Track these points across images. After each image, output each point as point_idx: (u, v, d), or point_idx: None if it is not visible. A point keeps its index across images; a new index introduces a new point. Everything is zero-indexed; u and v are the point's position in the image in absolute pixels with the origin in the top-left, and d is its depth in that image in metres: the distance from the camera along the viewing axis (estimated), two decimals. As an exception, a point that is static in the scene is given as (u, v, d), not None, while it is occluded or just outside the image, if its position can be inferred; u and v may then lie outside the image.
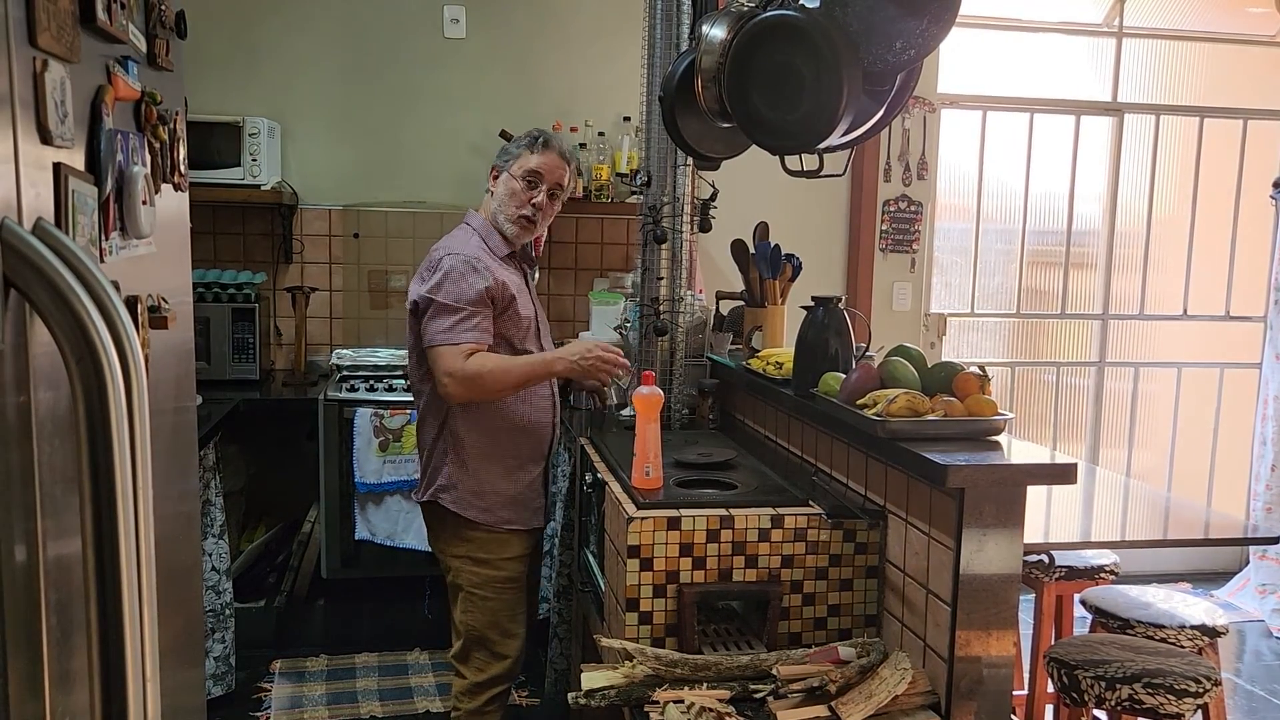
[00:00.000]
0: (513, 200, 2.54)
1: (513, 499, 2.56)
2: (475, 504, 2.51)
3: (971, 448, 1.85)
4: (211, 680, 3.16)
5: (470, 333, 2.41)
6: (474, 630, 2.56)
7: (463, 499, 2.51)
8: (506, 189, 2.55)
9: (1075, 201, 4.82)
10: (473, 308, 2.42)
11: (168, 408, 1.43)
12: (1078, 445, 4.97)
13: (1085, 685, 2.13)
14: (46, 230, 0.86)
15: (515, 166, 2.55)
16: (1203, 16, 4.82)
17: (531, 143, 2.56)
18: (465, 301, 2.41)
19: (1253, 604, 4.54)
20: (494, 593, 2.54)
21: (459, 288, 2.41)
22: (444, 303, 2.41)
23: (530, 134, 2.59)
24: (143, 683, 0.86)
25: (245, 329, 3.89)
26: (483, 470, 2.52)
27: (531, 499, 2.61)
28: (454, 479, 2.52)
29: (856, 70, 1.96)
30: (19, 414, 0.84)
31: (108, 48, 1.15)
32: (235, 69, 4.12)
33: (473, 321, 2.41)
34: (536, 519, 2.64)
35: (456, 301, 2.41)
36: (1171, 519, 2.56)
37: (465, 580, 2.55)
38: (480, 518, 2.52)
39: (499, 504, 2.54)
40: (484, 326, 2.44)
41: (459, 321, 2.40)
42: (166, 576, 1.10)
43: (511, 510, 2.56)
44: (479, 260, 2.46)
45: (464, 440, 2.51)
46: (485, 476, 2.52)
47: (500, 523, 2.54)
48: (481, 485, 2.52)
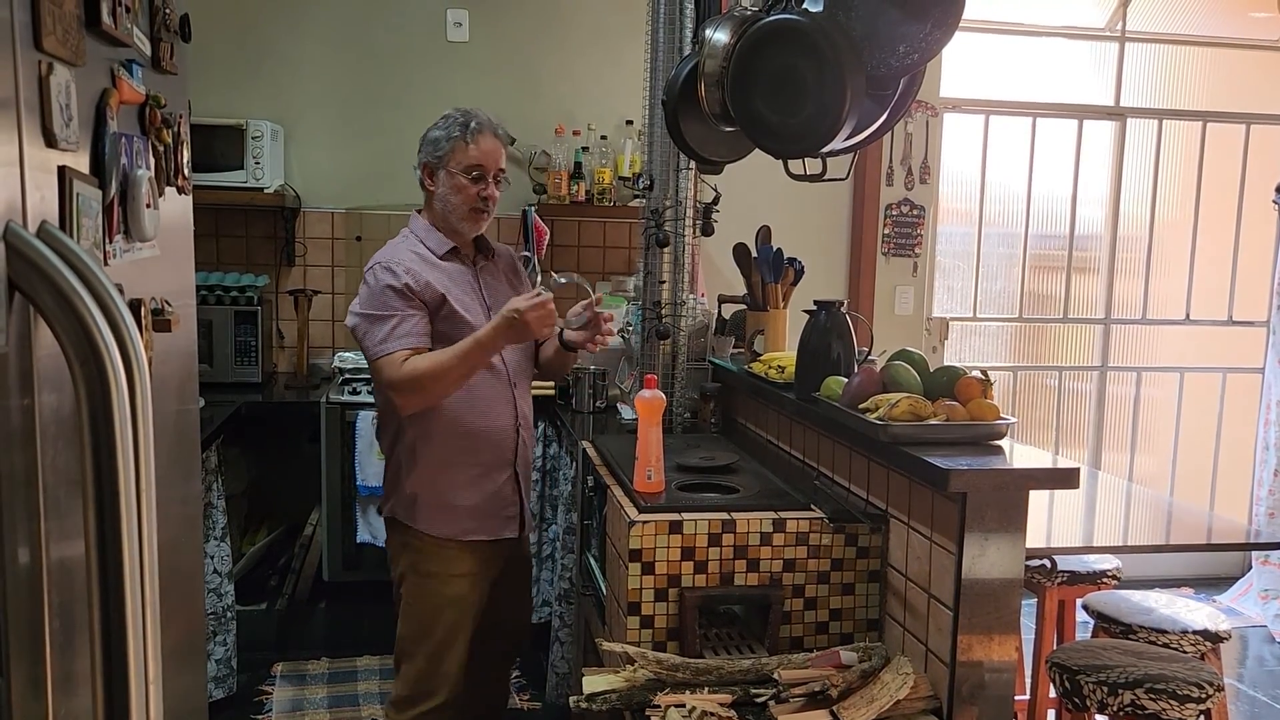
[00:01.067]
0: (460, 196, 2.38)
1: (477, 508, 2.41)
2: (438, 517, 2.38)
3: (973, 452, 1.85)
4: (213, 683, 3.16)
5: (402, 339, 2.26)
6: (404, 640, 2.42)
7: (420, 515, 2.38)
8: (450, 187, 2.38)
9: (1078, 206, 4.82)
10: (395, 311, 2.27)
11: (170, 410, 1.44)
12: (1080, 450, 4.96)
13: (1087, 690, 2.13)
14: (51, 233, 0.86)
15: (453, 163, 2.37)
16: (1205, 21, 4.82)
17: (463, 131, 2.36)
18: (386, 308, 2.28)
19: (1255, 609, 4.53)
20: (431, 609, 2.38)
21: (376, 296, 2.29)
22: (366, 313, 2.30)
23: (455, 120, 2.38)
24: (145, 685, 0.86)
25: (247, 332, 3.89)
26: (443, 481, 2.38)
27: (499, 508, 2.45)
28: (413, 493, 2.39)
29: (860, 74, 1.97)
30: (23, 416, 0.84)
31: (112, 51, 1.16)
32: (238, 72, 4.12)
33: (403, 326, 2.27)
34: (508, 528, 2.47)
35: (377, 310, 2.28)
36: (1174, 524, 2.56)
37: (406, 590, 2.42)
38: (444, 531, 2.38)
39: (463, 514, 2.39)
40: (414, 329, 2.28)
41: (389, 330, 2.26)
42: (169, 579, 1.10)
43: (476, 520, 2.41)
44: (397, 263, 2.32)
45: (420, 451, 2.38)
46: (446, 487, 2.38)
47: (464, 533, 2.39)
48: (444, 497, 2.38)
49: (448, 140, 2.37)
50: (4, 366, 0.80)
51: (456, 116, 2.40)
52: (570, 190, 4.12)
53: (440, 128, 2.40)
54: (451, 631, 2.39)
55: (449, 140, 2.37)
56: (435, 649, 2.38)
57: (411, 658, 2.41)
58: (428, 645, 2.39)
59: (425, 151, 2.41)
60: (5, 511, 0.80)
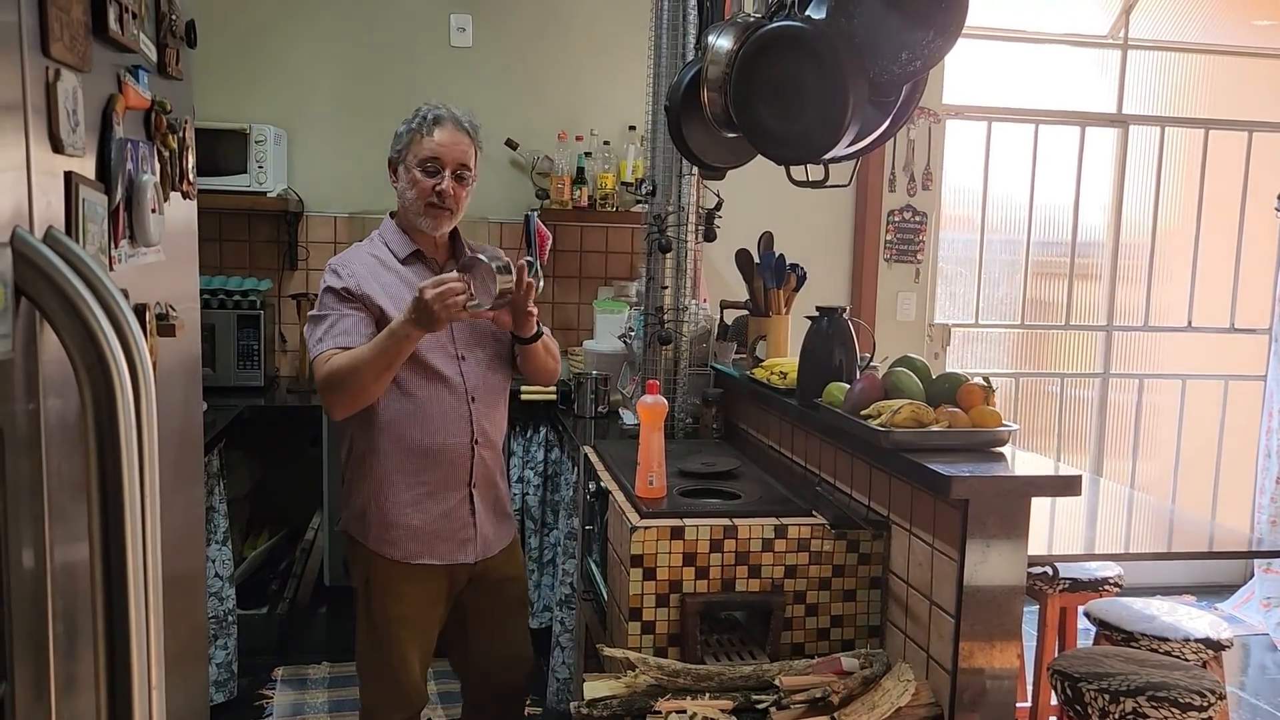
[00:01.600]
0: (414, 190, 2.25)
1: (423, 530, 2.24)
2: (384, 537, 2.24)
3: (975, 459, 1.85)
4: (214, 687, 3.16)
5: (332, 339, 2.15)
6: (360, 659, 2.33)
7: (368, 531, 2.26)
8: (406, 181, 2.27)
9: (1080, 213, 4.82)
10: (330, 311, 2.19)
11: (174, 415, 1.44)
12: (1082, 457, 4.96)
13: (1089, 698, 2.12)
14: (57, 239, 0.86)
15: (409, 156, 2.26)
16: (1208, 29, 4.82)
17: (421, 123, 2.25)
18: (324, 308, 2.20)
19: (1257, 617, 4.52)
20: (379, 627, 2.26)
21: (320, 298, 2.22)
22: (311, 315, 2.24)
23: (419, 112, 2.28)
24: (148, 689, 0.87)
25: (250, 336, 3.90)
26: (389, 499, 2.24)
27: (452, 530, 2.28)
28: (362, 508, 2.27)
29: (862, 81, 1.97)
30: (28, 421, 0.84)
31: (119, 57, 1.16)
32: (242, 76, 4.13)
33: (337, 326, 2.17)
34: (463, 553, 2.29)
35: (317, 310, 2.22)
36: (1176, 531, 2.56)
37: (359, 602, 2.31)
38: (389, 552, 2.24)
39: (407, 536, 2.24)
40: (347, 329, 2.16)
41: (323, 330, 2.18)
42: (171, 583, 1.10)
43: (421, 543, 2.25)
44: (344, 265, 2.24)
45: (369, 465, 2.25)
46: (392, 506, 2.24)
47: (410, 556, 2.24)
48: (389, 516, 2.24)
49: (407, 133, 2.28)
50: (9, 371, 0.80)
51: (422, 109, 2.29)
52: (573, 195, 4.13)
53: (405, 121, 2.30)
54: (404, 651, 2.26)
55: (408, 133, 2.27)
56: (391, 668, 2.27)
57: (369, 676, 2.33)
58: (382, 663, 2.28)
59: (392, 148, 2.32)
60: (10, 515, 0.80)
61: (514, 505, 3.57)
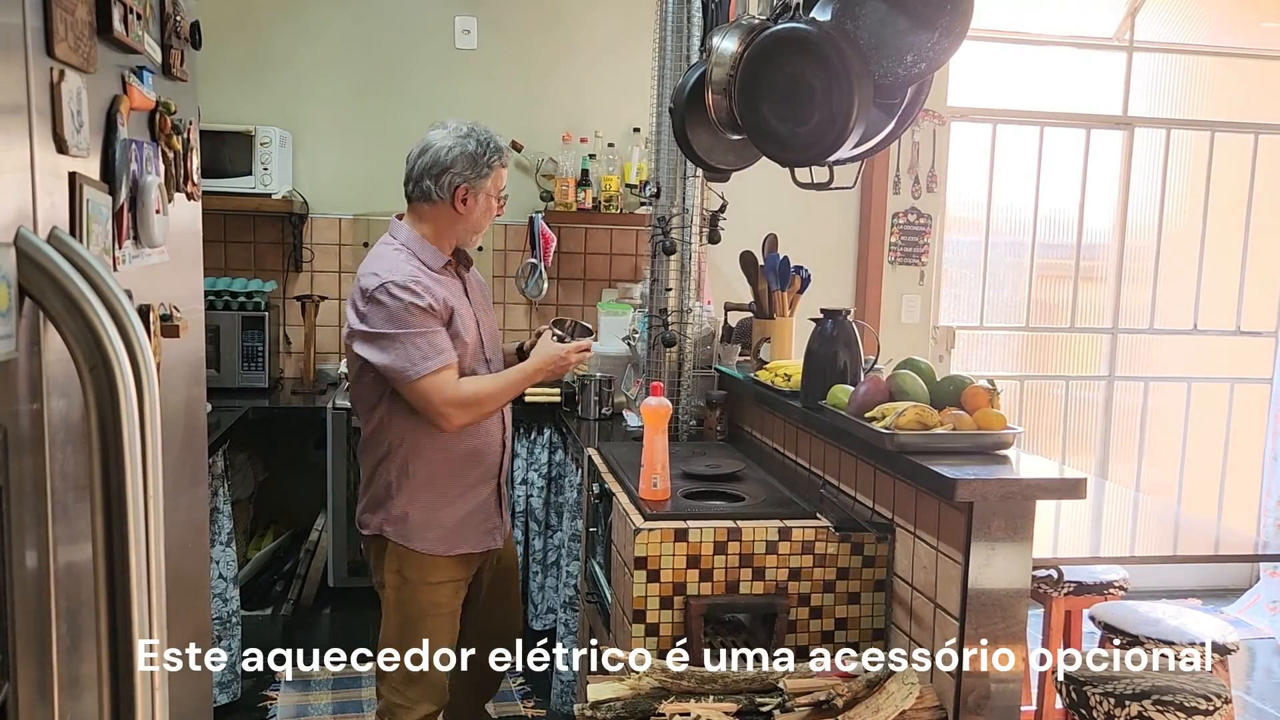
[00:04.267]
0: (488, 217, 2.44)
1: (461, 523, 2.44)
2: (426, 535, 2.39)
3: (980, 461, 1.84)
4: (218, 688, 3.16)
5: (441, 355, 2.29)
6: (388, 649, 2.41)
7: (412, 532, 2.39)
8: (484, 209, 2.42)
9: (1085, 215, 4.81)
10: (425, 329, 2.28)
11: (178, 415, 1.44)
12: (1087, 459, 4.95)
13: (1094, 701, 2.12)
14: (61, 239, 0.87)
15: (490, 185, 2.40)
16: (1214, 31, 4.81)
17: (497, 155, 2.40)
18: (415, 326, 2.27)
19: (1263, 621, 4.51)
20: (414, 614, 2.41)
21: (403, 313, 2.27)
22: (391, 332, 2.27)
23: (495, 145, 2.40)
24: (151, 690, 0.87)
25: (255, 337, 3.90)
26: (431, 499, 2.40)
27: (482, 520, 2.49)
28: (403, 510, 2.39)
29: (867, 83, 1.97)
30: (32, 421, 0.84)
31: (123, 58, 1.16)
32: (247, 78, 4.14)
33: (439, 342, 2.30)
34: (491, 540, 2.51)
35: (405, 329, 2.27)
36: (1181, 534, 2.55)
37: (389, 595, 2.44)
38: (429, 547, 2.39)
39: (448, 532, 2.42)
40: (445, 345, 2.32)
41: (427, 348, 2.28)
42: (175, 584, 1.11)
43: (460, 535, 2.43)
44: (413, 280, 2.30)
45: (413, 469, 2.39)
46: (434, 505, 2.40)
47: (450, 549, 2.42)
48: (430, 516, 2.39)
49: (488, 167, 2.38)
50: (13, 371, 0.80)
51: (493, 143, 2.39)
52: (577, 197, 4.13)
53: (467, 146, 2.36)
54: (434, 638, 2.40)
55: (488, 167, 2.38)
56: (424, 660, 2.38)
57: (400, 672, 2.40)
58: (414, 657, 2.38)
59: (459, 174, 2.36)
60: (13, 516, 0.80)
61: (518, 507, 3.60)
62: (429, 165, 2.37)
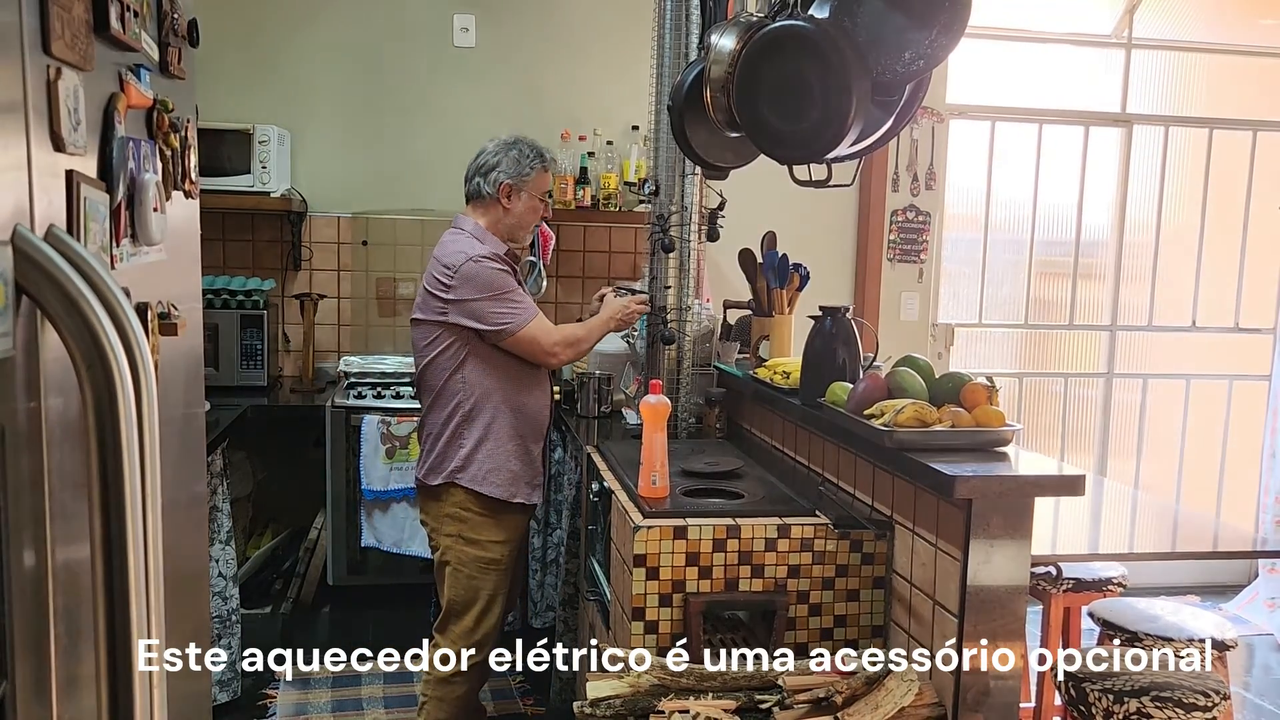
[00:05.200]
0: (532, 216, 2.81)
1: (520, 474, 2.75)
2: (491, 480, 2.70)
3: (979, 459, 1.84)
4: (217, 687, 3.16)
5: (532, 310, 2.69)
6: (455, 603, 2.74)
7: (479, 476, 2.70)
8: (528, 207, 2.78)
9: (1084, 212, 4.81)
10: (514, 290, 2.68)
11: (176, 414, 1.44)
12: (1085, 456, 4.95)
13: (1093, 698, 2.12)
14: (59, 237, 0.86)
15: (534, 187, 2.77)
16: (1212, 28, 4.81)
17: (541, 160, 2.78)
18: (509, 287, 2.66)
19: (1262, 617, 4.51)
20: (478, 571, 2.72)
21: (495, 280, 2.64)
22: (493, 294, 2.63)
23: (538, 151, 2.79)
24: (149, 689, 0.87)
25: (254, 335, 3.90)
26: (498, 449, 2.71)
27: (534, 475, 2.82)
28: (471, 458, 2.70)
29: (865, 81, 1.97)
30: (30, 420, 0.84)
31: (121, 56, 1.16)
32: (246, 77, 4.14)
33: (525, 301, 2.69)
34: (536, 494, 2.84)
35: (502, 290, 2.64)
36: (1180, 531, 2.55)
37: (453, 557, 2.72)
38: (495, 492, 2.70)
39: (510, 479, 2.73)
40: (530, 302, 2.72)
41: (517, 304, 2.66)
42: (174, 582, 1.10)
43: (517, 486, 2.75)
44: (494, 254, 2.69)
45: (480, 421, 2.71)
46: (501, 455, 2.71)
47: (511, 495, 2.73)
48: (498, 463, 2.71)
49: (532, 169, 2.77)
50: (11, 369, 0.80)
51: (541, 150, 2.80)
52: (576, 196, 4.13)
53: (511, 151, 2.75)
54: (494, 592, 2.74)
55: (533, 169, 2.77)
56: (481, 610, 2.72)
57: (460, 618, 2.73)
58: (475, 606, 2.72)
59: (504, 171, 2.74)
60: (11, 514, 0.80)
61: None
62: (480, 165, 2.77)
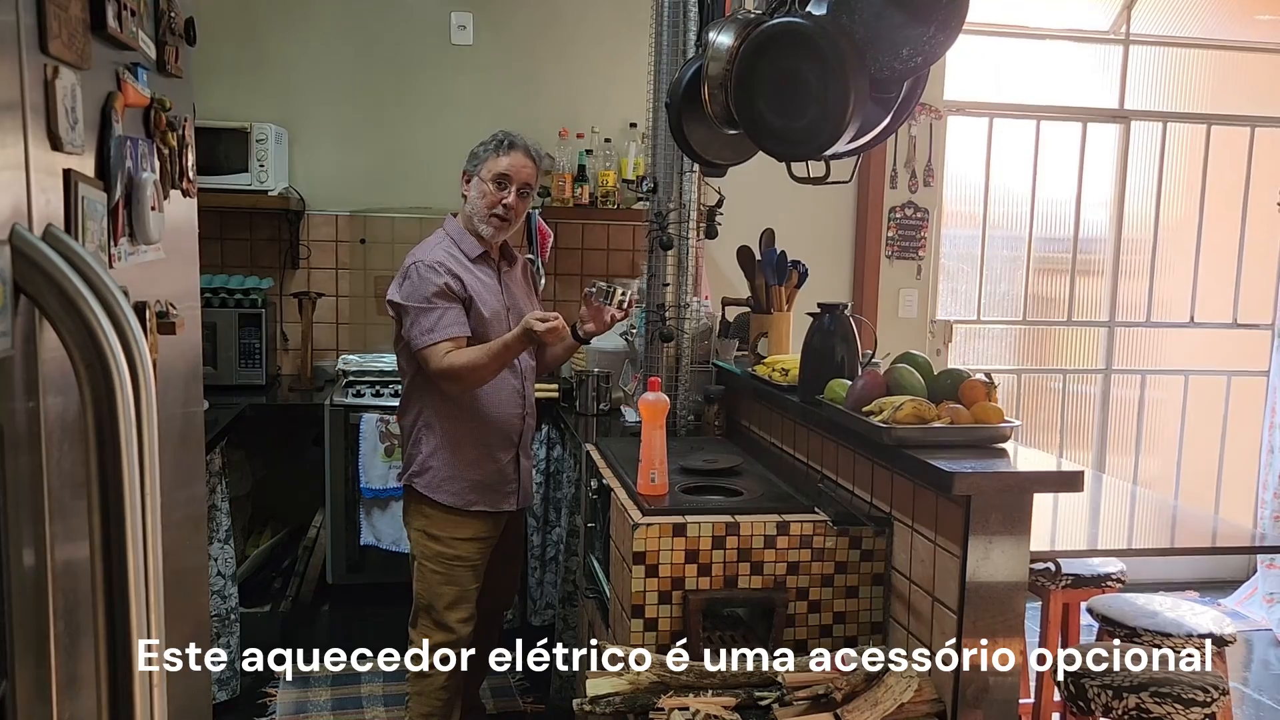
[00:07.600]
0: (484, 202, 2.69)
1: (480, 483, 2.71)
2: (445, 488, 2.68)
3: (978, 455, 1.84)
4: (217, 685, 3.16)
5: (445, 329, 2.58)
6: (421, 597, 2.74)
7: (433, 483, 2.69)
8: (478, 192, 2.70)
9: (1082, 208, 4.81)
10: (437, 304, 2.59)
11: (175, 413, 1.44)
12: (1084, 452, 4.95)
13: (1092, 694, 2.12)
14: (56, 236, 0.86)
15: (484, 170, 2.69)
16: (1210, 24, 4.81)
17: (498, 146, 2.69)
18: (427, 301, 2.58)
19: (1260, 613, 4.52)
20: (441, 567, 2.71)
21: (420, 289, 2.59)
22: (411, 305, 2.60)
23: (496, 137, 2.72)
24: (149, 688, 0.87)
25: (252, 334, 3.90)
26: (453, 456, 2.69)
27: (500, 484, 2.76)
28: (427, 464, 2.70)
29: (863, 77, 1.97)
30: (28, 419, 0.84)
31: (118, 54, 1.16)
32: (243, 75, 4.13)
33: (444, 319, 2.58)
34: (507, 502, 2.79)
35: (420, 303, 2.59)
36: (1179, 527, 2.55)
37: (418, 552, 2.74)
38: (448, 500, 2.68)
39: (467, 488, 2.70)
40: (454, 321, 2.60)
41: (433, 322, 2.58)
42: (173, 581, 1.10)
43: (478, 494, 2.71)
44: (439, 264, 2.62)
45: (437, 429, 2.70)
46: (456, 462, 2.69)
47: (467, 504, 2.70)
48: (453, 470, 2.69)
49: (485, 152, 2.71)
50: (9, 369, 0.80)
51: (500, 135, 2.72)
52: (574, 193, 4.12)
53: (484, 143, 2.72)
54: (463, 587, 2.71)
55: (486, 152, 2.71)
56: (447, 605, 2.70)
57: (426, 613, 2.72)
58: (440, 602, 2.70)
59: (468, 161, 2.74)
60: (11, 514, 0.80)
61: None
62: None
